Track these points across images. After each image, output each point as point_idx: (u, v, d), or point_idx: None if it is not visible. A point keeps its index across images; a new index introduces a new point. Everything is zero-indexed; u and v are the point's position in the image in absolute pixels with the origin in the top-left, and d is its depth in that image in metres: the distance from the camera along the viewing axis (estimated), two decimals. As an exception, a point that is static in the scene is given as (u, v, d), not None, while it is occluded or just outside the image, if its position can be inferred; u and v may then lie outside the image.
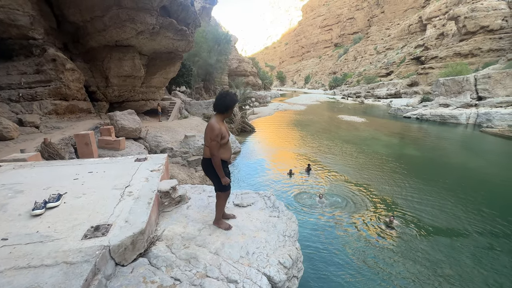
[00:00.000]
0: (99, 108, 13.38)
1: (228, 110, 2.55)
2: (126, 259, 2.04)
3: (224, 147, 2.58)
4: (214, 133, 2.43)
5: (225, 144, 2.57)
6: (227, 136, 2.58)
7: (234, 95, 2.59)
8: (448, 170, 11.24)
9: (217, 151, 2.46)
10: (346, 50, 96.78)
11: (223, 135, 2.50)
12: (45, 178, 3.18)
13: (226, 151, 2.61)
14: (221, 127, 2.49)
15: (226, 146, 2.61)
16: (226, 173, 2.63)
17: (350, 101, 52.11)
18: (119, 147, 8.78)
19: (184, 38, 13.76)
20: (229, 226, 2.73)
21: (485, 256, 5.52)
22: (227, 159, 2.64)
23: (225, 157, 2.61)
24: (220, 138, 2.47)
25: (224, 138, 2.52)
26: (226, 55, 38.03)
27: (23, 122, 9.22)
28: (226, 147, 2.60)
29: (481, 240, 6.07)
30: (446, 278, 4.89)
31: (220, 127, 2.48)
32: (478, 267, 5.18)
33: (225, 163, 2.63)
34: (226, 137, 2.56)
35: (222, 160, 2.56)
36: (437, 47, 42.44)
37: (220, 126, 2.48)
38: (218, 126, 2.47)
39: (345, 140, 16.80)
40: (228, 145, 2.64)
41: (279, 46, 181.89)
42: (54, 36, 11.70)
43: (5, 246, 1.85)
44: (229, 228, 2.71)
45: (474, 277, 4.92)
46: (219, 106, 2.53)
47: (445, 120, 24.02)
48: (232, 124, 18.36)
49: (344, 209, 7.43)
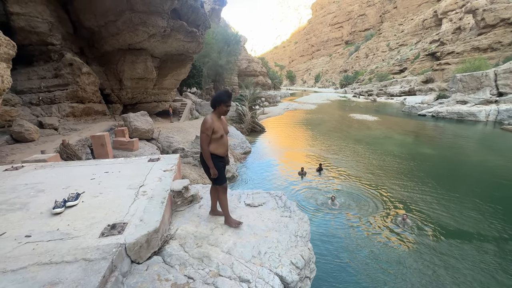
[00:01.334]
0: (114, 110, 13.79)
1: (216, 106, 2.65)
2: (141, 257, 2.09)
3: (218, 142, 2.64)
4: (205, 126, 2.56)
5: (218, 139, 2.63)
6: (221, 131, 2.63)
7: (223, 93, 2.67)
8: (466, 170, 10.81)
9: (206, 143, 2.58)
10: (357, 47, 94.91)
11: (215, 129, 2.58)
12: (64, 178, 3.31)
13: (220, 146, 2.67)
14: (213, 122, 2.59)
15: (221, 141, 2.66)
16: (219, 167, 2.68)
17: (361, 99, 51.07)
18: (133, 148, 9.01)
19: (194, 40, 13.95)
20: (239, 222, 2.77)
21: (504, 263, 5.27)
22: (222, 154, 2.71)
23: (219, 152, 2.67)
24: (212, 132, 2.57)
25: (216, 133, 2.59)
26: (236, 56, 38.22)
27: (43, 125, 9.64)
28: (220, 142, 2.66)
29: (502, 246, 5.78)
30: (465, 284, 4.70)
31: (212, 121, 2.58)
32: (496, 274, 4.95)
33: (220, 158, 2.71)
34: (219, 132, 2.61)
35: (217, 155, 2.66)
36: (453, 42, 40.87)
37: (212, 121, 2.59)
38: (211, 120, 2.58)
39: (356, 139, 16.48)
40: (223, 141, 2.69)
41: (288, 45, 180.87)
42: (71, 41, 12.16)
43: (29, 243, 1.94)
44: (238, 226, 2.74)
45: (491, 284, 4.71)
46: (210, 103, 2.70)
47: (462, 117, 23.10)
48: (242, 124, 18.43)
49: (357, 211, 7.25)
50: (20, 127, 8.22)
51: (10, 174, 3.50)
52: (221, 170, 2.70)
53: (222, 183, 2.73)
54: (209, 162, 2.61)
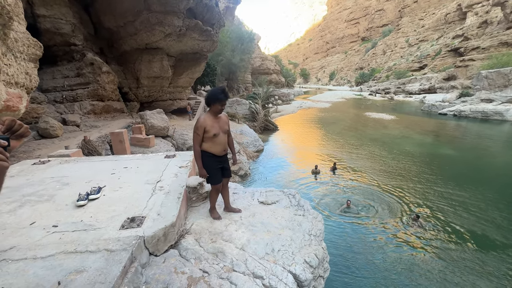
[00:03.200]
0: (131, 108, 14.24)
1: (210, 105, 2.60)
2: (158, 250, 2.16)
3: (212, 141, 2.62)
4: (196, 126, 2.58)
5: (212, 138, 2.61)
6: (214, 130, 2.59)
7: (218, 91, 2.59)
8: (491, 172, 10.25)
9: (197, 142, 2.59)
10: (374, 44, 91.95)
11: (207, 128, 2.56)
12: (86, 172, 3.47)
13: (214, 145, 2.64)
14: (205, 121, 2.57)
15: (215, 140, 2.63)
16: (214, 167, 2.67)
17: (378, 97, 49.58)
18: (149, 145, 9.28)
19: (209, 39, 14.09)
20: (219, 217, 2.82)
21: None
22: (217, 153, 2.68)
23: (214, 151, 2.66)
24: (203, 131, 2.56)
25: (207, 132, 2.57)
26: (250, 54, 38.23)
27: (66, 122, 10.13)
28: (214, 141, 2.63)
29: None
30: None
31: (204, 120, 2.57)
32: None
33: (215, 157, 2.67)
34: (211, 131, 2.58)
35: (212, 154, 2.65)
36: (479, 37, 38.61)
37: (204, 120, 2.57)
38: (203, 119, 2.58)
39: (372, 138, 16.05)
40: (218, 140, 2.65)
41: (302, 43, 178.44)
42: (92, 41, 12.66)
43: (56, 233, 2.06)
44: (218, 219, 2.79)
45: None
46: (205, 100, 2.66)
47: (487, 116, 21.86)
48: (255, 122, 18.46)
49: (372, 216, 6.95)
50: (45, 124, 8.69)
51: (38, 168, 3.71)
52: (215, 169, 2.69)
53: (215, 183, 2.71)
54: (198, 161, 2.62)
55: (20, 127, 0.78)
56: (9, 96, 4.42)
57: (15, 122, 0.77)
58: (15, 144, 0.79)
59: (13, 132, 0.78)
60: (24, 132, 0.80)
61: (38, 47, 5.18)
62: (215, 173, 2.70)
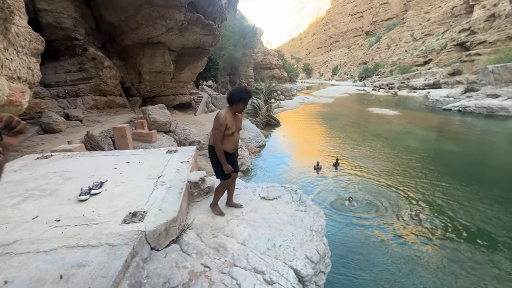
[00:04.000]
0: (133, 103, 14.25)
1: (233, 103, 2.56)
2: (160, 244, 2.17)
3: (228, 139, 2.62)
4: (218, 122, 2.51)
5: (230, 136, 2.60)
6: (233, 128, 2.59)
7: (243, 91, 2.58)
8: (495, 168, 10.15)
9: (219, 139, 2.54)
10: (378, 38, 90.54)
11: (228, 126, 2.54)
12: (89, 167, 3.48)
13: (229, 142, 2.64)
14: (226, 118, 2.54)
15: (231, 138, 2.63)
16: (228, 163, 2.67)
17: (381, 92, 49.06)
18: (151, 140, 9.30)
19: (211, 33, 13.96)
20: (222, 213, 2.82)
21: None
22: (230, 150, 2.69)
23: (228, 149, 2.66)
24: (224, 128, 2.53)
25: (228, 130, 2.56)
26: (252, 48, 37.87)
27: (69, 116, 10.17)
28: (230, 139, 2.63)
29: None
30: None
31: (225, 117, 2.53)
32: None
33: (227, 155, 2.67)
34: (231, 129, 2.57)
35: (225, 152, 2.62)
36: (486, 31, 37.81)
37: (226, 117, 2.53)
38: (224, 116, 2.53)
39: (375, 134, 15.94)
40: (234, 138, 2.66)
41: (305, 37, 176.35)
42: (94, 36, 12.61)
43: (58, 227, 2.08)
44: (221, 215, 2.80)
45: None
46: (227, 98, 2.62)
47: (493, 112, 21.55)
48: (257, 117, 18.39)
49: (375, 212, 6.88)
50: (48, 119, 8.73)
51: (41, 162, 3.74)
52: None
53: (225, 178, 2.73)
54: (222, 159, 2.59)
55: (18, 124, 0.78)
56: (11, 91, 4.43)
57: (13, 119, 0.77)
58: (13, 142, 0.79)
59: (11, 129, 0.77)
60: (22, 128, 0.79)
61: (40, 41, 5.16)
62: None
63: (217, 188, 2.86)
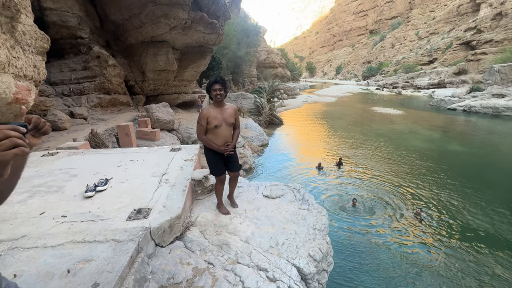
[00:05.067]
0: (137, 101, 14.33)
1: (209, 94, 2.63)
2: (164, 241, 2.19)
3: (213, 133, 2.61)
4: (199, 117, 2.63)
5: (213, 129, 2.59)
6: (215, 121, 2.56)
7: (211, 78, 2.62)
8: (500, 169, 10.04)
9: (202, 132, 2.63)
10: (382, 37, 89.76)
11: (209, 119, 2.55)
12: (94, 164, 3.53)
13: (215, 137, 2.62)
14: (209, 111, 2.58)
15: (217, 132, 2.60)
16: (215, 159, 2.70)
17: (385, 92, 48.70)
18: (155, 138, 9.35)
19: (214, 32, 13.96)
20: (228, 212, 2.84)
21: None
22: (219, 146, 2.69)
23: (216, 144, 2.67)
24: (206, 122, 2.57)
25: (210, 123, 2.56)
26: (255, 47, 37.78)
27: (73, 114, 10.26)
28: (215, 132, 2.61)
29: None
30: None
31: (207, 111, 2.59)
32: None
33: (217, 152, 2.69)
34: (212, 123, 2.55)
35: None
36: (492, 29, 37.29)
37: (208, 110, 2.59)
38: (206, 111, 2.60)
39: (379, 134, 15.85)
40: (220, 132, 2.62)
41: (309, 36, 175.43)
42: (98, 34, 12.68)
43: (65, 223, 2.11)
44: (227, 214, 2.81)
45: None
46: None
47: (498, 112, 21.30)
48: (260, 116, 18.39)
49: (378, 213, 6.80)
50: (54, 117, 8.82)
51: (46, 160, 3.79)
52: (217, 161, 2.71)
53: (218, 175, 2.74)
54: (212, 146, 2.63)
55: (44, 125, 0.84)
56: (18, 89, 4.48)
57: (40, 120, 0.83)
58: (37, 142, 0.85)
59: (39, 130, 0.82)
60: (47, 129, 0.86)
61: (46, 40, 5.21)
62: (217, 164, 2.73)
63: (215, 188, 2.87)
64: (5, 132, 0.63)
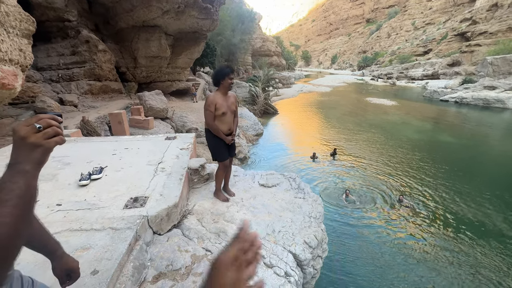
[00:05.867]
0: (129, 89, 13.96)
1: (219, 82, 2.63)
2: (162, 229, 2.20)
3: (220, 120, 2.67)
4: (207, 103, 2.61)
5: (220, 116, 2.65)
6: (223, 109, 2.63)
7: (223, 67, 2.66)
8: (487, 160, 10.36)
9: (211, 119, 2.62)
10: (379, 26, 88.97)
11: (217, 106, 2.59)
12: (87, 153, 3.46)
13: (222, 123, 2.69)
14: (215, 99, 2.59)
15: (223, 119, 2.68)
16: (221, 145, 2.74)
17: (380, 82, 48.85)
18: (149, 127, 9.21)
19: (208, 17, 13.53)
20: (227, 198, 2.89)
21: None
22: (224, 132, 2.73)
23: (222, 130, 2.71)
24: (214, 108, 2.58)
25: (217, 110, 2.60)
26: (250, 34, 36.96)
27: (63, 101, 9.95)
28: (222, 119, 2.68)
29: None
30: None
31: (214, 98, 2.59)
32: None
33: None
34: (221, 109, 2.61)
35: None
36: (487, 21, 37.39)
37: (214, 98, 2.60)
38: (213, 97, 2.60)
39: (372, 124, 16.01)
40: (225, 119, 2.70)
41: (305, 24, 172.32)
42: (86, 17, 12.12)
43: (60, 211, 2.09)
44: (226, 200, 2.87)
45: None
46: (213, 81, 2.69)
47: (489, 104, 21.72)
48: (255, 106, 18.26)
49: (371, 205, 6.89)
50: (43, 103, 8.53)
51: (37, 147, 3.69)
52: (222, 147, 2.75)
53: (223, 159, 2.79)
54: (220, 134, 2.67)
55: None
56: (4, 74, 4.29)
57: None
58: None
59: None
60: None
61: (31, 22, 4.94)
62: (222, 150, 2.76)
63: (216, 173, 2.89)
64: (48, 121, 0.67)
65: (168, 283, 1.76)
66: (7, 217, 0.57)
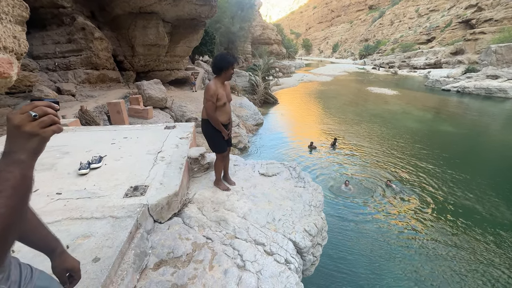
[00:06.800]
0: (127, 78, 13.77)
1: (221, 71, 2.50)
2: (163, 217, 2.21)
3: (220, 110, 2.60)
4: (209, 93, 2.48)
5: (221, 107, 2.58)
6: (224, 99, 2.56)
7: (227, 55, 2.51)
8: (487, 149, 10.36)
9: (213, 110, 2.53)
10: (382, 13, 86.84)
11: (219, 96, 2.51)
12: (86, 142, 3.43)
13: (222, 113, 2.63)
14: (217, 89, 2.50)
15: (223, 109, 2.61)
16: (220, 136, 2.68)
17: (381, 71, 48.20)
18: (147, 116, 9.14)
19: (207, 3, 13.15)
20: (228, 188, 2.88)
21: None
22: (223, 122, 2.67)
23: (222, 120, 2.64)
24: (216, 99, 2.50)
25: (219, 100, 2.53)
26: (250, 22, 36.08)
27: (61, 91, 9.82)
28: (222, 109, 2.61)
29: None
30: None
31: (216, 88, 2.49)
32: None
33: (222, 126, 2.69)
34: (222, 100, 2.54)
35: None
36: (493, 7, 36.42)
37: (216, 88, 2.49)
38: (214, 87, 2.48)
39: (373, 114, 15.91)
40: (226, 109, 2.64)
41: (306, 11, 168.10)
42: (82, 4, 11.77)
43: (60, 200, 2.08)
44: (227, 190, 2.85)
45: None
46: (213, 68, 2.53)
47: (491, 93, 21.50)
48: (255, 95, 18.08)
49: (370, 194, 6.93)
50: (40, 93, 8.42)
51: (36, 137, 3.66)
52: (221, 138, 2.71)
53: (223, 151, 2.75)
54: (220, 127, 2.62)
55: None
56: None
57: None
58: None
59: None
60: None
61: (24, 7, 4.79)
62: (221, 142, 2.72)
63: (215, 164, 2.87)
64: (44, 109, 0.64)
65: (169, 270, 1.78)
66: (1, 208, 0.54)
